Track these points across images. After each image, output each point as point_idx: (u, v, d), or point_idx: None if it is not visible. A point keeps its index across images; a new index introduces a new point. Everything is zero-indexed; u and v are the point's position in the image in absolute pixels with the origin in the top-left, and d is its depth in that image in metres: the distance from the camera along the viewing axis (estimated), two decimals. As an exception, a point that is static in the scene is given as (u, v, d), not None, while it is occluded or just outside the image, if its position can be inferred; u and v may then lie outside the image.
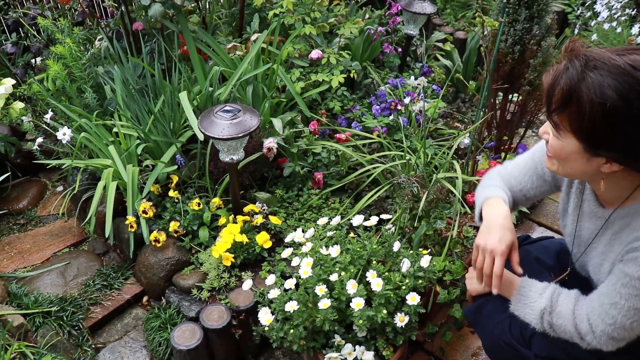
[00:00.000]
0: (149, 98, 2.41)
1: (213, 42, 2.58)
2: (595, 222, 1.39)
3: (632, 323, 1.24)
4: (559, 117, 1.18)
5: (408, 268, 1.80)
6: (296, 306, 1.73)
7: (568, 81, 1.14)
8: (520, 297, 1.44)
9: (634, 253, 1.22)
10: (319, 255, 1.84)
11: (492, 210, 1.46)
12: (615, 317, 1.25)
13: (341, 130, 2.40)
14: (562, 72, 1.16)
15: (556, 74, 1.17)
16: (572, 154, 1.21)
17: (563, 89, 1.14)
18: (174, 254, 2.11)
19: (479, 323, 1.60)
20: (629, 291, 1.22)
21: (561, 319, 1.35)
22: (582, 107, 1.12)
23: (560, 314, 1.36)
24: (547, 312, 1.38)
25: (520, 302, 1.44)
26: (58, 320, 1.98)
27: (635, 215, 1.26)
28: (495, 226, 1.41)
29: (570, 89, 1.13)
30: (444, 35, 3.43)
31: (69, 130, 2.17)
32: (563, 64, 1.17)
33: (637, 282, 1.20)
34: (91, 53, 2.53)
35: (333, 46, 2.79)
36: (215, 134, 1.89)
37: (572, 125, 1.16)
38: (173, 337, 1.89)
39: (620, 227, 1.30)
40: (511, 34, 2.24)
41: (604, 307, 1.27)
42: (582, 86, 1.12)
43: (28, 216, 2.59)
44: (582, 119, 1.13)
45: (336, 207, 2.33)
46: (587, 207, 1.41)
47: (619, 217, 1.31)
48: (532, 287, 1.44)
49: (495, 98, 2.50)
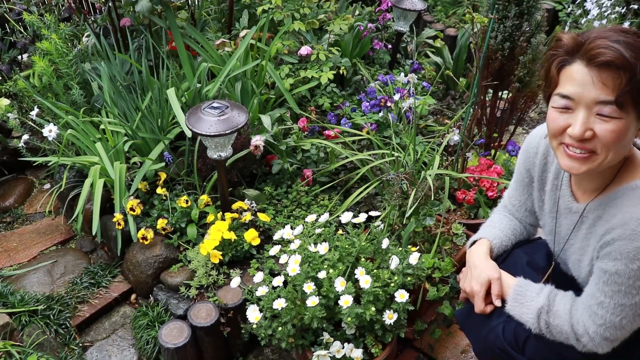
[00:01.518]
0: (136, 95, 2.39)
1: (201, 39, 2.57)
2: (571, 218, 1.38)
3: (622, 320, 1.23)
4: (625, 97, 1.14)
5: (397, 265, 1.79)
6: (284, 304, 1.72)
7: (621, 57, 1.12)
8: (517, 297, 1.42)
9: (607, 248, 1.21)
10: (307, 253, 1.83)
11: (471, 253, 1.59)
12: (604, 317, 1.24)
13: (330, 127, 2.39)
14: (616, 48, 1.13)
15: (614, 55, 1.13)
16: (631, 130, 1.18)
17: (618, 61, 1.12)
18: (161, 252, 2.10)
19: (470, 327, 1.60)
20: (611, 288, 1.22)
21: (558, 319, 1.34)
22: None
23: (558, 314, 1.34)
24: (545, 311, 1.36)
25: (517, 302, 1.42)
26: (45, 319, 1.96)
27: (607, 206, 1.26)
28: (470, 267, 1.56)
29: (626, 64, 1.11)
30: (435, 32, 3.43)
31: (55, 127, 2.14)
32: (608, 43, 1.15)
33: (616, 277, 1.20)
34: (78, 49, 2.50)
35: (323, 43, 2.78)
36: (202, 130, 1.88)
37: (633, 98, 1.14)
38: (161, 335, 1.87)
39: (594, 220, 1.30)
40: (501, 30, 2.24)
41: (592, 308, 1.27)
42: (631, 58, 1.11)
43: (15, 214, 2.56)
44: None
45: (325, 204, 2.32)
46: (563, 204, 1.41)
47: (592, 209, 1.30)
48: (529, 287, 1.43)
49: (485, 95, 2.49)
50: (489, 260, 1.55)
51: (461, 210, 2.40)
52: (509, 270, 1.56)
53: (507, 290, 1.46)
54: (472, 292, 1.51)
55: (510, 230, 1.65)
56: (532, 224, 1.68)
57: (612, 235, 1.21)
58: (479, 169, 2.40)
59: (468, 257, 1.60)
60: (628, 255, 1.17)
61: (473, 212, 2.38)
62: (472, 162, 2.45)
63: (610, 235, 1.21)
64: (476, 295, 1.50)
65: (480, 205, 2.32)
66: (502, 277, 1.49)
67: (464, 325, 1.64)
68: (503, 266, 1.59)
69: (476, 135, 2.58)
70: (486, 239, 1.61)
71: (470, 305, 1.57)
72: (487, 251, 1.57)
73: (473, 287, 1.50)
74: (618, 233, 1.19)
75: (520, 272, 1.51)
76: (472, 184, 2.36)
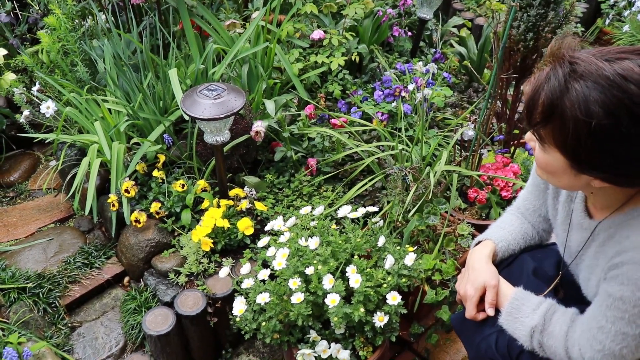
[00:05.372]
0: (142, 75, 2.34)
1: (212, 19, 2.49)
2: (582, 234, 1.27)
3: (622, 349, 1.11)
4: (544, 130, 1.05)
5: (392, 265, 1.69)
6: (268, 298, 1.65)
7: (550, 94, 1.00)
8: (512, 311, 1.32)
9: (615, 270, 1.10)
10: (297, 246, 1.75)
11: (473, 254, 1.49)
12: (603, 343, 1.13)
13: (335, 115, 2.29)
14: (544, 82, 1.01)
15: (537, 84, 1.03)
16: (559, 169, 1.09)
17: (544, 102, 1.01)
18: (154, 236, 2.05)
19: (465, 333, 1.51)
20: (614, 313, 1.10)
21: (552, 340, 1.24)
22: (566, 124, 0.99)
23: (552, 334, 1.24)
24: (538, 330, 1.26)
25: (511, 316, 1.32)
26: (33, 297, 1.94)
27: (620, 226, 1.14)
28: (469, 269, 1.46)
29: (552, 104, 1.00)
30: (462, 20, 3.27)
31: (52, 103, 2.11)
32: (545, 71, 1.02)
33: (620, 302, 1.08)
34: (87, 26, 2.46)
35: (339, 27, 2.67)
36: (196, 113, 1.80)
37: (555, 141, 1.04)
38: (145, 322, 1.83)
39: (605, 239, 1.18)
40: (524, 19, 2.08)
41: (591, 331, 1.15)
42: (566, 100, 0.98)
43: (18, 189, 2.56)
44: (566, 136, 1.00)
45: (327, 195, 2.23)
46: (575, 218, 1.29)
47: (604, 228, 1.18)
48: (526, 300, 1.32)
49: (507, 89, 2.34)
50: (489, 265, 1.44)
51: (472, 210, 2.27)
52: (512, 276, 1.46)
53: (503, 302, 1.36)
54: (465, 296, 1.43)
55: (520, 234, 1.53)
56: (546, 230, 1.56)
57: (622, 258, 1.09)
58: (495, 166, 2.26)
59: (468, 258, 1.50)
60: (636, 282, 1.05)
61: (484, 213, 2.25)
62: (488, 159, 2.31)
63: (619, 258, 1.10)
64: (469, 300, 1.41)
65: (492, 205, 2.18)
66: (500, 286, 1.39)
67: (459, 330, 1.55)
68: (507, 271, 1.49)
69: (494, 131, 2.43)
70: (491, 240, 1.50)
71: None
72: (489, 254, 1.47)
73: (467, 291, 1.42)
74: (628, 256, 1.08)
75: (524, 280, 1.40)
76: (486, 182, 2.23)
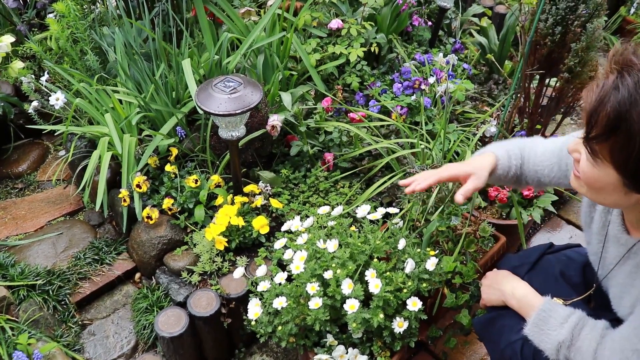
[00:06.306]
0: (154, 64, 2.26)
1: (226, 5, 2.40)
2: (618, 249, 1.19)
3: None
4: (599, 145, 0.95)
5: (412, 269, 1.64)
6: (285, 303, 1.59)
7: (617, 105, 0.90)
8: (539, 322, 1.26)
9: None
10: (315, 248, 1.69)
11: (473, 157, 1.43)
12: None
13: (353, 110, 2.21)
14: (610, 91, 0.92)
15: (602, 93, 0.93)
16: (608, 186, 1.00)
17: (609, 114, 0.91)
18: (166, 233, 1.99)
19: (489, 337, 1.46)
20: None
21: (580, 356, 1.18)
22: (631, 140, 0.90)
23: (580, 350, 1.18)
24: (566, 345, 1.19)
25: (537, 327, 1.26)
26: (43, 294, 1.89)
27: None
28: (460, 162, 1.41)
29: (619, 116, 0.90)
30: (483, 8, 3.16)
31: (62, 95, 2.04)
32: (611, 79, 0.93)
33: None
34: (98, 12, 2.38)
35: (356, 16, 2.57)
36: (211, 109, 1.73)
37: (614, 157, 0.95)
38: (157, 322, 1.78)
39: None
40: (553, 12, 1.99)
41: (624, 352, 1.09)
42: (635, 113, 0.89)
43: (27, 180, 2.50)
44: (629, 153, 0.91)
45: (345, 192, 2.16)
46: (612, 231, 1.21)
47: None
48: (554, 312, 1.25)
49: (530, 83, 2.26)
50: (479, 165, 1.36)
51: (492, 209, 2.20)
52: (539, 280, 1.40)
53: (529, 311, 1.30)
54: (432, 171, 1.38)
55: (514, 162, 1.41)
56: (528, 181, 1.44)
57: None
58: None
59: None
60: None
61: (505, 212, 2.18)
62: (509, 156, 2.23)
63: None
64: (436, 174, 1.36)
65: (514, 204, 2.11)
66: (526, 293, 1.34)
67: (482, 335, 1.51)
68: (532, 274, 1.44)
69: (516, 127, 2.35)
70: (492, 153, 1.39)
71: (490, 314, 1.46)
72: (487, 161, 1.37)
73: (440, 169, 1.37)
74: None
75: (552, 284, 1.36)
76: (507, 180, 2.16)
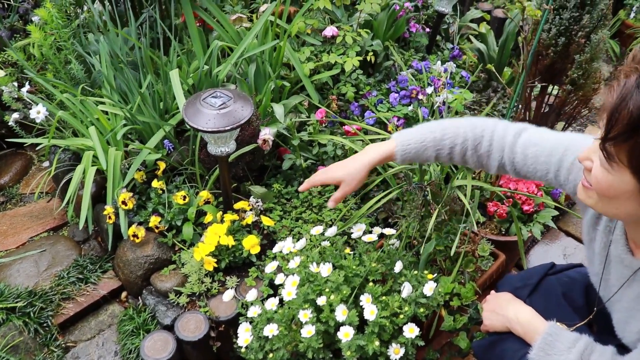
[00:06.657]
0: (141, 74, 2.17)
1: (217, 11, 2.31)
2: (622, 271, 1.13)
3: None
4: (617, 147, 0.90)
5: (409, 293, 1.57)
6: (276, 330, 1.52)
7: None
8: (545, 346, 1.20)
9: None
10: (307, 271, 1.62)
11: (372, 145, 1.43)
12: None
13: (349, 123, 2.13)
14: (632, 89, 0.87)
15: (624, 91, 0.88)
16: (624, 194, 0.94)
17: (632, 112, 0.86)
18: (153, 252, 1.91)
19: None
20: None
21: None
22: None
23: None
24: None
25: (543, 351, 1.20)
26: (24, 317, 1.81)
27: None
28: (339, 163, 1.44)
29: None
30: (481, 13, 3.08)
31: (43, 108, 1.95)
32: (633, 78, 0.88)
33: None
34: (82, 19, 2.28)
35: (352, 23, 2.49)
36: (200, 125, 1.65)
37: (632, 161, 0.89)
38: (143, 348, 1.70)
39: None
40: (556, 23, 1.92)
41: None
42: None
43: (9, 193, 2.40)
44: None
45: (339, 208, 2.09)
46: (615, 251, 1.15)
47: None
48: (561, 337, 1.20)
49: (531, 92, 2.19)
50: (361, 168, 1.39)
51: (491, 224, 2.13)
52: (541, 302, 1.35)
53: (533, 335, 1.24)
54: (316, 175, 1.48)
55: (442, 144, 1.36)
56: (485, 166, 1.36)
57: None
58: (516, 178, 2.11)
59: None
60: None
61: (504, 227, 2.11)
62: (509, 169, 2.16)
63: None
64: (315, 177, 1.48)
65: (513, 219, 2.04)
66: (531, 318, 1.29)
67: (483, 359, 1.45)
68: (534, 297, 1.39)
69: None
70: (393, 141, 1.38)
71: (491, 338, 1.41)
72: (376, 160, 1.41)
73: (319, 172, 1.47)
74: None
75: (555, 307, 1.31)
76: (506, 195, 2.09)
